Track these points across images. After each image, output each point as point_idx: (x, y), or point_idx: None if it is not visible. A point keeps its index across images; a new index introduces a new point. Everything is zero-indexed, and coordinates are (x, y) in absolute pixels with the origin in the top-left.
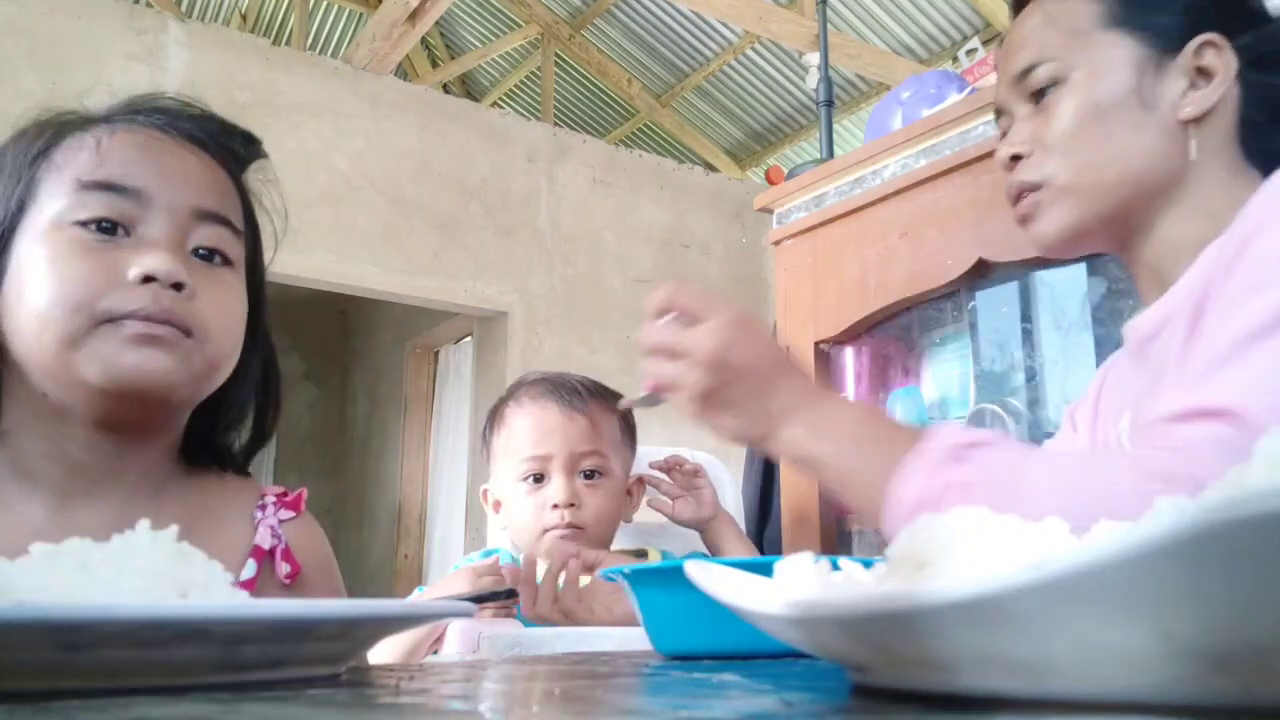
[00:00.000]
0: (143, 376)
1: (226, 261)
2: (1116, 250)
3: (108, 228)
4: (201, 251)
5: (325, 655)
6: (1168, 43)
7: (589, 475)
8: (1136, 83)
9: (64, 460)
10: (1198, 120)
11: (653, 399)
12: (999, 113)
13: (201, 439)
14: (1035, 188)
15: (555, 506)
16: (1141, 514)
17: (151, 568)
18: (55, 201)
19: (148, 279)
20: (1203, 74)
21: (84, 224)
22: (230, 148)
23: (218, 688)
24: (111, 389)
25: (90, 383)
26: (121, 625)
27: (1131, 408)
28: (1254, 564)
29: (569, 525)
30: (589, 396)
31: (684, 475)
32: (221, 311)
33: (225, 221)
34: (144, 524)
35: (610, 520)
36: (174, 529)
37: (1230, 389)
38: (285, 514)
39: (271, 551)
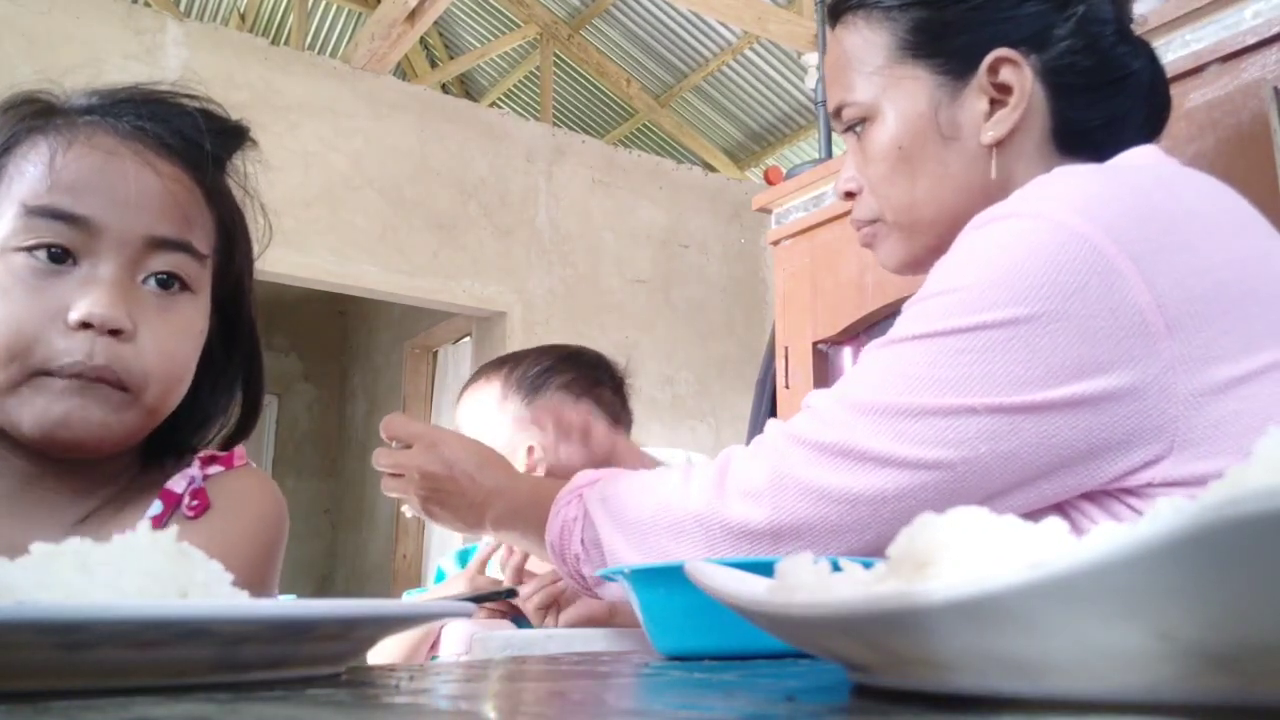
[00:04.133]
0: (72, 433)
1: (185, 287)
2: None
3: (55, 254)
4: (160, 276)
5: (325, 655)
6: (962, 65)
7: None
8: (933, 116)
9: (9, 471)
10: (1001, 141)
11: (410, 508)
12: None
13: (165, 442)
14: (870, 222)
15: None
16: (687, 507)
17: (151, 568)
18: (2, 222)
19: (85, 324)
20: (1002, 90)
21: (30, 250)
22: (206, 149)
23: (218, 688)
24: (41, 440)
25: (21, 431)
26: (121, 625)
27: None
28: (1254, 564)
29: None
30: None
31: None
32: (165, 351)
33: (183, 247)
34: (144, 524)
35: None
36: (174, 529)
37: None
38: (215, 469)
39: (184, 494)
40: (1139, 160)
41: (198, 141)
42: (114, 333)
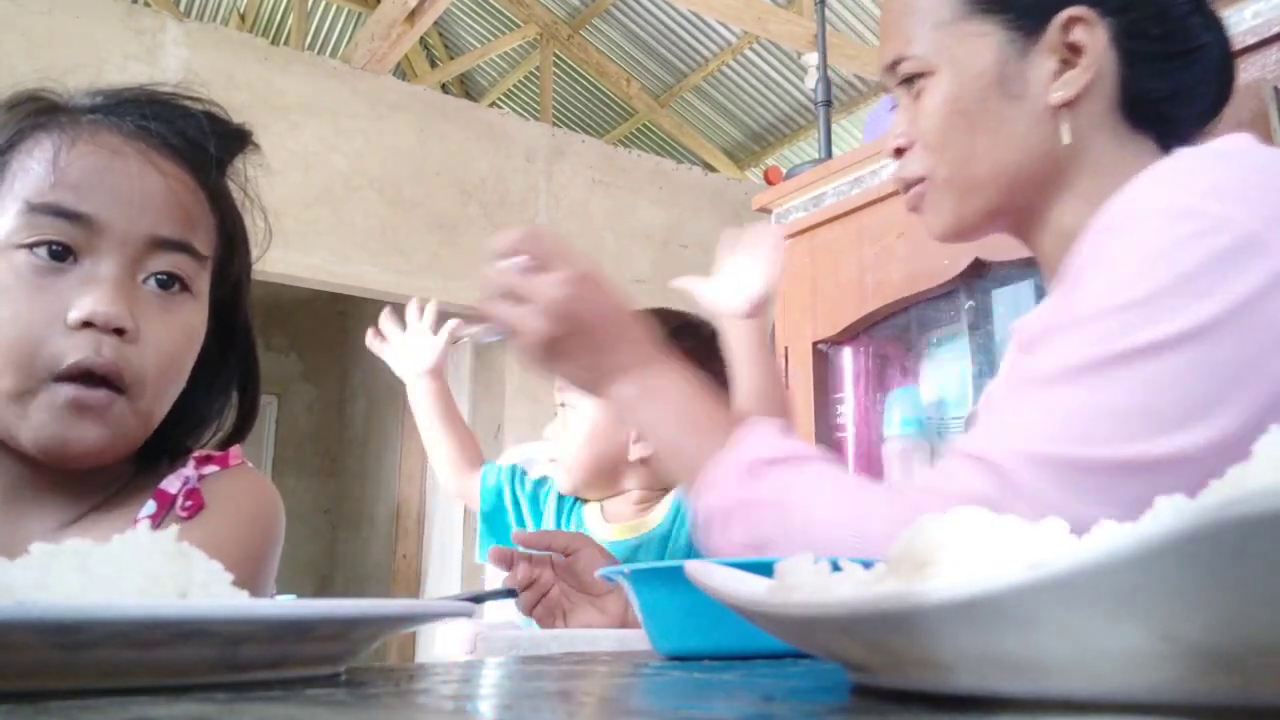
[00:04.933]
0: (68, 451)
1: (184, 288)
2: (1017, 238)
3: (57, 251)
4: (161, 277)
5: (325, 655)
6: (1032, 23)
7: None
8: (999, 73)
9: (1, 471)
10: (1070, 103)
11: (491, 331)
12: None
13: (160, 444)
14: (919, 180)
15: None
16: (885, 546)
17: (151, 568)
18: (4, 219)
19: (87, 323)
20: (1074, 50)
21: (31, 247)
22: (210, 151)
23: (217, 688)
24: (39, 456)
25: (20, 441)
26: (121, 625)
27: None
28: (1254, 564)
29: None
30: None
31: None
32: (165, 353)
33: (185, 248)
34: (144, 524)
35: None
36: (174, 529)
37: (992, 434)
38: (210, 469)
39: (178, 494)
40: (1237, 146)
41: (202, 143)
42: (117, 332)
